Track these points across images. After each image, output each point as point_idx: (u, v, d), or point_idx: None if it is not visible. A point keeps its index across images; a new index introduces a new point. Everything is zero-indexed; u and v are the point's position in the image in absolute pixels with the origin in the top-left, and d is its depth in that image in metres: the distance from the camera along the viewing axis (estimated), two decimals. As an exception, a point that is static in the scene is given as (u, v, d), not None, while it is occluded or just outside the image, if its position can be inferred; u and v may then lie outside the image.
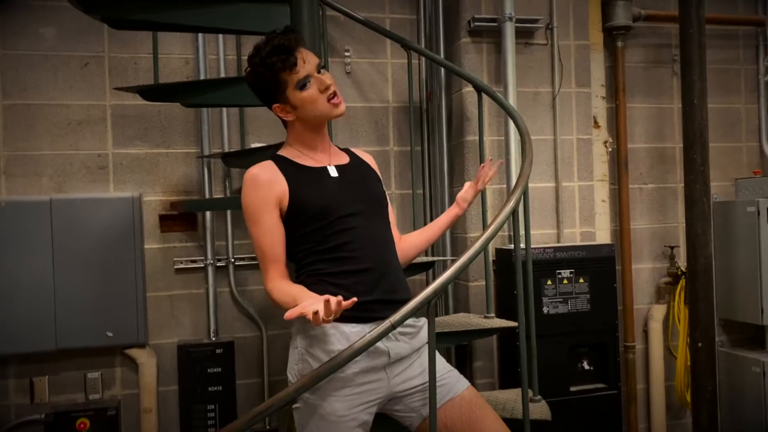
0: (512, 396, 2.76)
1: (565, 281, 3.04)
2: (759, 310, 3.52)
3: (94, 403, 3.21)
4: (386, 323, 1.56)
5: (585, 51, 3.38)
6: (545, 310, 3.02)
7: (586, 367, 3.13)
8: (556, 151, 3.28)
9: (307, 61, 1.76)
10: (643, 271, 3.78)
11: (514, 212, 2.02)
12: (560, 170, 3.29)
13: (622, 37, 3.65)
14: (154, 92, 2.90)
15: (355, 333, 1.71)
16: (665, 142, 3.81)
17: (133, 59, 3.31)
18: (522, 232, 2.39)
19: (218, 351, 3.24)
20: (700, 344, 3.48)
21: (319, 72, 1.78)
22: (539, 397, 2.69)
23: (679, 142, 3.77)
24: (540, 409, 2.47)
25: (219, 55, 3.37)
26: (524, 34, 3.25)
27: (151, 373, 3.22)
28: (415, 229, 3.43)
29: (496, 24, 3.17)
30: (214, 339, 3.29)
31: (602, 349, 3.14)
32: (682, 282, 3.65)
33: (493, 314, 2.92)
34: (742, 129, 3.90)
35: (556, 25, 3.29)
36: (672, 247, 3.74)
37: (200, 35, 3.33)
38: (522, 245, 3.04)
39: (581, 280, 3.06)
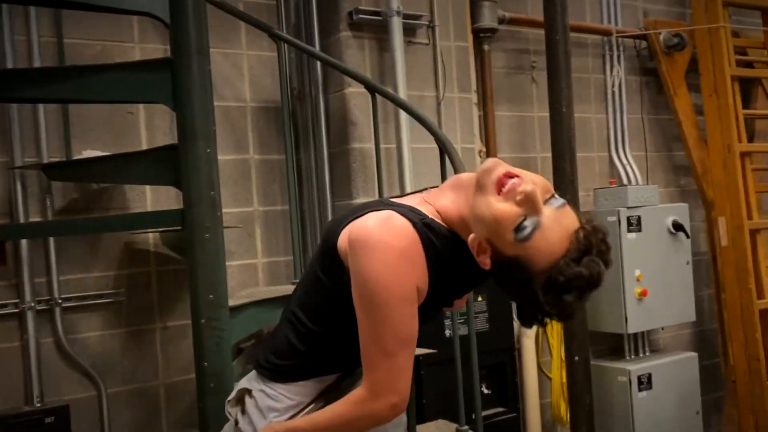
0: (433, 429, 2.82)
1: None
2: (623, 319, 3.98)
3: None
4: None
5: (465, 53, 3.56)
6: (447, 332, 3.11)
7: (485, 390, 3.29)
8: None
9: None
10: (512, 287, 4.06)
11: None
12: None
13: (488, 40, 3.90)
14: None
15: None
16: (528, 152, 4.15)
17: None
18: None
19: (48, 420, 2.79)
20: (576, 358, 3.83)
21: None
22: (466, 427, 2.79)
23: (541, 152, 4.13)
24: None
25: (31, 37, 2.93)
26: (406, 32, 3.31)
27: (-51, 462, 2.68)
28: (288, 249, 3.33)
29: (380, 18, 3.21)
30: (39, 405, 2.84)
31: (501, 369, 3.33)
32: (554, 295, 3.99)
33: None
34: (594, 139, 4.40)
35: (437, 23, 3.42)
36: (540, 260, 4.08)
37: (3, 7, 2.89)
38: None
39: (480, 299, 3.22)
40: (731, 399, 4.37)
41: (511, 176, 1.37)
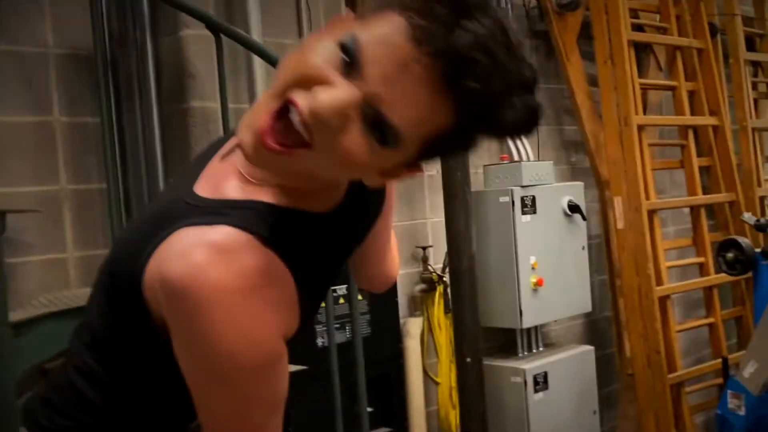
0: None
1: (342, 300, 2.61)
2: (517, 313, 3.55)
3: None
4: None
5: (335, -6, 3.00)
6: (319, 342, 2.55)
7: (368, 408, 2.77)
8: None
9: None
10: (390, 279, 3.55)
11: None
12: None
13: (359, -14, 3.37)
14: None
15: None
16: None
17: None
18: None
19: None
20: (468, 359, 3.40)
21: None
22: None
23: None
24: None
25: None
26: (260, -38, 2.72)
27: None
28: (108, 239, 2.66)
29: (226, -59, 2.58)
30: None
31: (385, 382, 2.87)
32: (440, 288, 3.51)
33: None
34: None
35: (299, -46, 2.83)
36: (424, 248, 3.57)
37: None
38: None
39: (360, 297, 2.67)
40: (627, 394, 4.08)
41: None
